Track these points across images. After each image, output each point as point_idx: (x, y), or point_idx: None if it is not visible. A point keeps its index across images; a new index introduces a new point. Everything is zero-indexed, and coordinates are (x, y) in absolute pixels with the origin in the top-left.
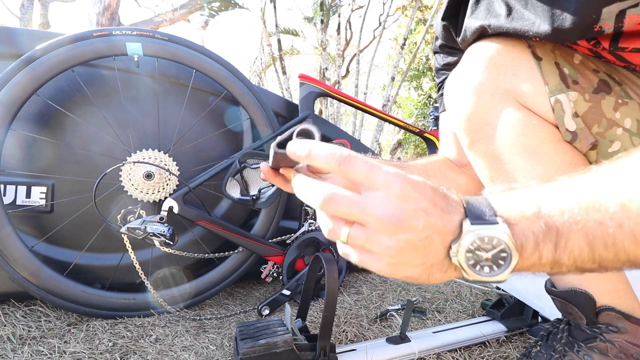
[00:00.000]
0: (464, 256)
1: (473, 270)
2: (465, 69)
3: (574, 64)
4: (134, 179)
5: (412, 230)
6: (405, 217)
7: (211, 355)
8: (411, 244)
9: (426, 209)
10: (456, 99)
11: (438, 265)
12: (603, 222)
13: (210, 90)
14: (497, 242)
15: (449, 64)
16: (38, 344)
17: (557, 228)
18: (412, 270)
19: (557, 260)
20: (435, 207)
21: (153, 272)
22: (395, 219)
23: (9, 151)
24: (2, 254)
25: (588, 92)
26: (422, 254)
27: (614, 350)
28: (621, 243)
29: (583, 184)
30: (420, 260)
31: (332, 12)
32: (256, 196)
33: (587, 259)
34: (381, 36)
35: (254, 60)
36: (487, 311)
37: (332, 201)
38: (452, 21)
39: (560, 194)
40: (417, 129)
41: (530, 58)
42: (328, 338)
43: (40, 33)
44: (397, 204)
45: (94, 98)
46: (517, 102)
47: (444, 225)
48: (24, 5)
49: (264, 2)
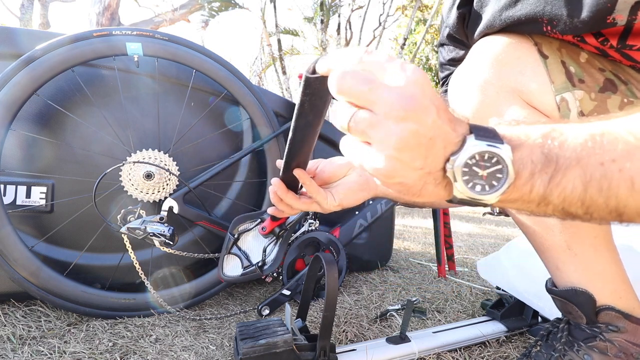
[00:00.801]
0: (460, 170)
1: (465, 185)
2: (471, 66)
3: (580, 62)
4: (134, 179)
5: (421, 123)
6: (418, 106)
7: (211, 355)
8: (416, 138)
9: (438, 109)
10: (461, 96)
11: (434, 175)
12: (604, 163)
13: (210, 90)
14: (496, 161)
15: (454, 59)
16: (38, 344)
17: (556, 161)
18: (410, 175)
19: (546, 196)
20: (445, 113)
21: (153, 272)
22: (407, 104)
23: (9, 151)
24: (2, 254)
25: (594, 91)
26: (424, 155)
27: (614, 350)
28: (616, 188)
29: (589, 125)
30: (420, 163)
31: (332, 12)
32: (261, 262)
33: (576, 200)
34: (381, 36)
35: (254, 60)
36: (487, 311)
37: (343, 77)
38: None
39: (566, 129)
40: None
41: (537, 56)
42: (328, 338)
43: (40, 33)
44: (412, 90)
45: (94, 98)
46: (523, 100)
47: (449, 132)
48: (24, 5)
49: (264, 2)
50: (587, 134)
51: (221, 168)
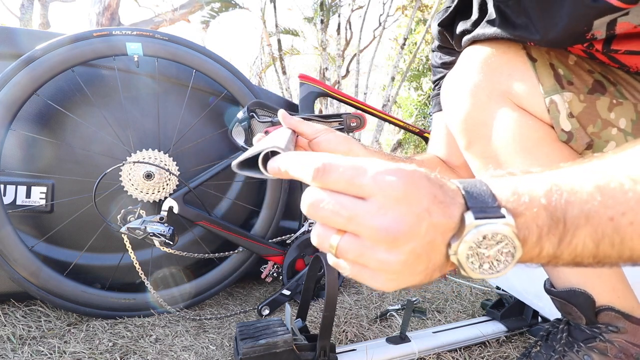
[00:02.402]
0: (465, 254)
1: (471, 268)
2: (461, 71)
3: (569, 64)
4: (134, 179)
5: (415, 239)
6: (406, 226)
7: (211, 355)
8: (415, 254)
9: (428, 209)
10: (453, 101)
11: (439, 267)
12: (614, 218)
13: (210, 90)
14: (501, 238)
15: (445, 62)
16: (38, 344)
17: (564, 221)
18: (414, 279)
19: (557, 255)
20: (435, 202)
21: (153, 272)
22: (395, 230)
23: (9, 151)
24: (2, 254)
25: (583, 92)
26: (425, 261)
27: (614, 350)
28: (630, 241)
29: (591, 174)
30: (423, 267)
31: (332, 12)
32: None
33: (588, 255)
34: (381, 36)
35: (254, 60)
36: (487, 311)
37: (315, 208)
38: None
39: (568, 182)
40: (417, 129)
41: (525, 59)
42: (328, 338)
43: (40, 33)
44: (396, 209)
45: (94, 98)
46: (513, 103)
47: (447, 222)
48: (24, 5)
49: (264, 2)
50: (592, 187)
51: (221, 168)
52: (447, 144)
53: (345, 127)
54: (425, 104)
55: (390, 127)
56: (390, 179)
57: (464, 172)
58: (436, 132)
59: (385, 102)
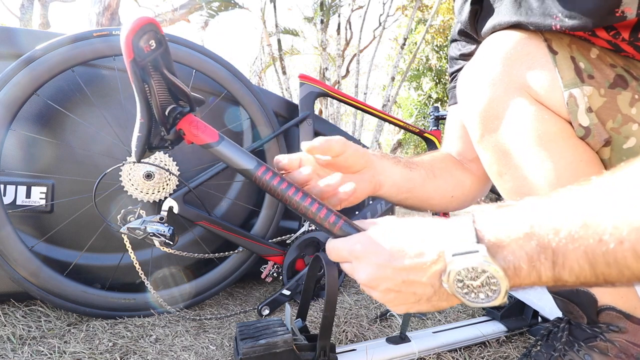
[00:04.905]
0: (455, 286)
1: (468, 299)
2: (480, 62)
3: (591, 58)
4: (134, 179)
5: (385, 281)
6: (370, 275)
7: (211, 355)
8: (394, 291)
9: (391, 256)
10: (470, 92)
11: (437, 296)
12: (602, 239)
13: (210, 90)
14: (482, 270)
15: (464, 54)
16: (38, 344)
17: (552, 247)
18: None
19: (559, 277)
20: (393, 250)
21: (153, 272)
22: (364, 280)
23: (9, 151)
24: (2, 254)
25: (603, 86)
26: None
27: (615, 350)
28: (623, 260)
29: (579, 199)
30: (414, 299)
31: (332, 12)
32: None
33: (589, 276)
34: (381, 36)
35: (254, 60)
36: (487, 311)
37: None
38: (480, 4)
39: (555, 210)
40: (417, 129)
41: (546, 52)
42: (328, 338)
43: (40, 33)
44: (362, 265)
45: (94, 98)
46: (531, 96)
47: (416, 263)
48: (24, 5)
49: (264, 2)
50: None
51: (221, 168)
52: (461, 137)
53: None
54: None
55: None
56: (356, 247)
57: (477, 166)
58: (451, 125)
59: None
